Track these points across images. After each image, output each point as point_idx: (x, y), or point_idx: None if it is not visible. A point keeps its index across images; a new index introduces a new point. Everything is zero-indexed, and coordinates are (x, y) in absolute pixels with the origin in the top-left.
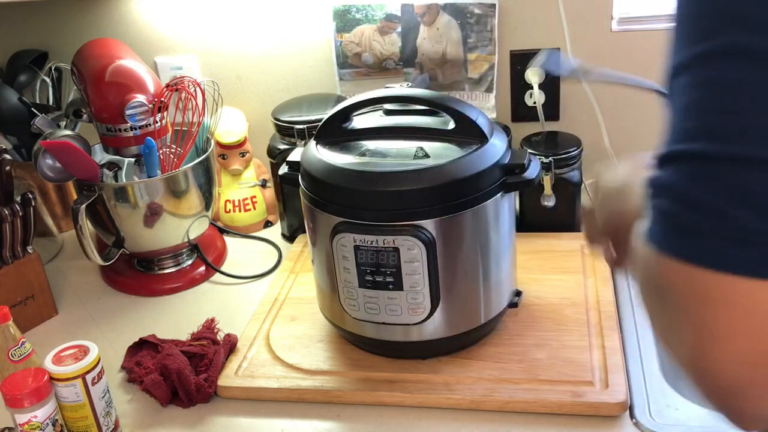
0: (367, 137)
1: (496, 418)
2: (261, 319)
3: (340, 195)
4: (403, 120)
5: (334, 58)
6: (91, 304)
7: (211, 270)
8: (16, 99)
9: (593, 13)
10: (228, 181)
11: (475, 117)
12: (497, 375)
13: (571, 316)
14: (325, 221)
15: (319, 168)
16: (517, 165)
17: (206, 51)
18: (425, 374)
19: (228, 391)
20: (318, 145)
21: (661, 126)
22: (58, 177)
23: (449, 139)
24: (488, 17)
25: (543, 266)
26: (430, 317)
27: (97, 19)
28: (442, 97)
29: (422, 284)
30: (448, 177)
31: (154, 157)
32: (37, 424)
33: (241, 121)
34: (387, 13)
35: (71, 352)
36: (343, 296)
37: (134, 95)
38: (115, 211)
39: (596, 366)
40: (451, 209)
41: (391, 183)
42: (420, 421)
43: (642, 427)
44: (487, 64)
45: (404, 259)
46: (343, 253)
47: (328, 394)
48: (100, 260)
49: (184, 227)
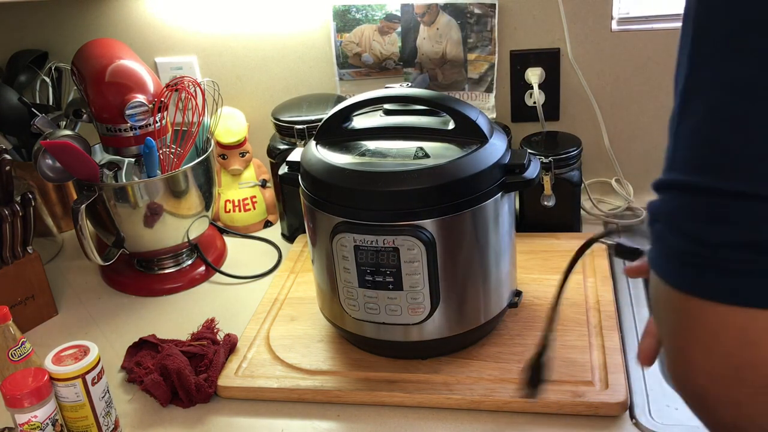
0: (367, 137)
1: (496, 418)
2: (261, 319)
3: (340, 195)
4: (403, 120)
5: (334, 58)
6: (91, 304)
7: (211, 270)
8: (16, 99)
9: (593, 13)
10: (228, 181)
11: (475, 117)
12: (497, 375)
13: (571, 316)
14: (325, 221)
15: (319, 168)
16: (517, 165)
17: (206, 51)
18: (425, 374)
19: (228, 391)
20: (318, 145)
21: (660, 127)
22: (58, 177)
23: (449, 139)
24: (488, 17)
25: (543, 266)
26: (430, 317)
27: (97, 19)
28: (442, 97)
29: (422, 284)
30: (448, 177)
31: (154, 157)
32: (37, 424)
33: (241, 121)
34: (387, 13)
35: (71, 352)
36: (343, 296)
37: (134, 95)
38: (115, 211)
39: (596, 366)
40: (451, 209)
41: (391, 183)
42: (420, 421)
43: (642, 427)
44: (487, 64)
45: (404, 259)
46: (343, 253)
47: (328, 394)
48: (100, 260)
49: (184, 227)
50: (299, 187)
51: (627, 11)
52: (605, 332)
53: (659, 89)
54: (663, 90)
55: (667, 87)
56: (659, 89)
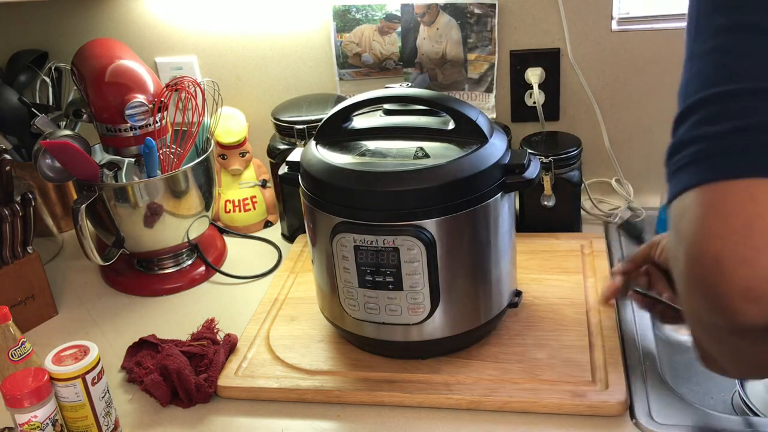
0: (367, 137)
1: (496, 418)
2: (261, 319)
3: (340, 195)
4: (402, 120)
5: (334, 58)
6: (91, 304)
7: (211, 270)
8: (16, 99)
9: (593, 13)
10: (228, 181)
11: (475, 117)
12: (497, 375)
13: (571, 316)
14: (325, 221)
15: (319, 168)
16: (516, 165)
17: (206, 51)
18: (425, 374)
19: (228, 391)
20: (318, 145)
21: (660, 127)
22: (58, 177)
23: (449, 139)
24: (488, 17)
25: (543, 266)
26: (430, 317)
27: (97, 19)
28: (442, 97)
29: (422, 284)
30: (448, 177)
31: (154, 157)
32: (37, 424)
33: (241, 121)
34: (387, 13)
35: (71, 352)
36: (343, 296)
37: (134, 95)
38: (115, 211)
39: (596, 366)
40: (451, 209)
41: (391, 183)
42: (420, 421)
43: (642, 427)
44: (487, 64)
45: (404, 259)
46: (343, 253)
47: (328, 394)
48: (100, 260)
49: (184, 227)
50: (299, 187)
51: (627, 11)
52: (605, 332)
53: (659, 89)
54: (663, 90)
55: (668, 87)
56: (659, 89)
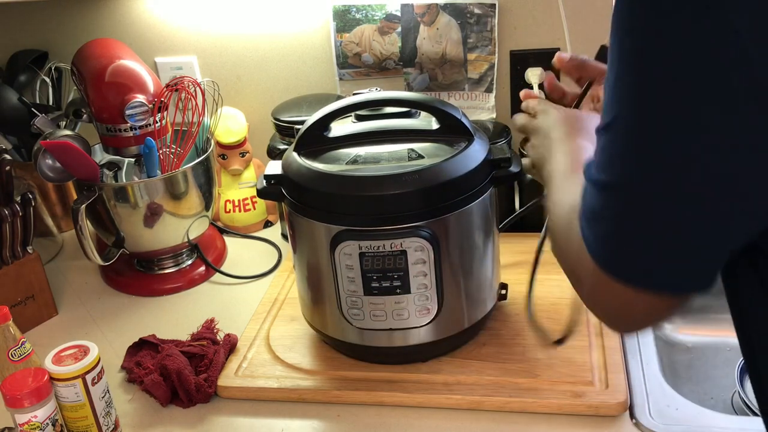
0: (350, 144)
1: (496, 418)
2: (261, 319)
3: (340, 203)
4: (383, 124)
5: (334, 58)
6: (91, 304)
7: (211, 270)
8: (16, 99)
9: (593, 13)
10: (228, 181)
11: (459, 116)
12: (497, 375)
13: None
14: (322, 232)
15: (313, 179)
16: (502, 159)
17: (206, 51)
18: (425, 374)
19: (228, 391)
20: (302, 157)
21: None
22: (58, 177)
23: (435, 139)
24: (488, 17)
25: (543, 266)
26: (437, 317)
27: (97, 19)
28: (425, 98)
29: (430, 285)
30: (449, 175)
31: (154, 157)
32: (37, 424)
33: (241, 121)
34: (387, 13)
35: (71, 352)
36: (345, 307)
37: (134, 95)
38: (115, 211)
39: (596, 366)
40: (453, 206)
41: (393, 186)
42: (420, 421)
43: (642, 427)
44: (486, 64)
45: (412, 260)
46: (346, 262)
47: (328, 394)
48: (100, 260)
49: (184, 227)
50: (281, 201)
51: None
52: (605, 332)
53: None
54: None
55: None
56: None
